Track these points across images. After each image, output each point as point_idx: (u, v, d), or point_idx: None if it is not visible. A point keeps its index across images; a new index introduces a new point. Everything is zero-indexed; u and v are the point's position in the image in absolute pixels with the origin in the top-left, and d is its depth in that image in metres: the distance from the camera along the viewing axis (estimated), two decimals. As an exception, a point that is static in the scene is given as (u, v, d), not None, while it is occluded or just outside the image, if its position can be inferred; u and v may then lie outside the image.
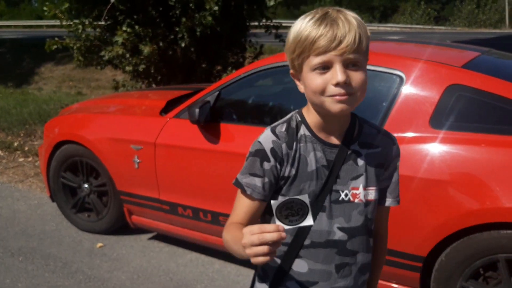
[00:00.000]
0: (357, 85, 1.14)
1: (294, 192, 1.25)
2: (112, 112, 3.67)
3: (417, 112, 2.42)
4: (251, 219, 1.27)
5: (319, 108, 1.20)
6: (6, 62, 14.92)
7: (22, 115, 7.13)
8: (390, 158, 1.31)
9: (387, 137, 1.32)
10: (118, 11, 5.10)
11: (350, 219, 1.27)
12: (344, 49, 1.10)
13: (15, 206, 4.19)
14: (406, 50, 2.90)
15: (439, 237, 2.30)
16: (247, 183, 1.25)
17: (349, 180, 1.26)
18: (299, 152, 1.24)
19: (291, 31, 1.18)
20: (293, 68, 1.22)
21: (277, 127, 1.26)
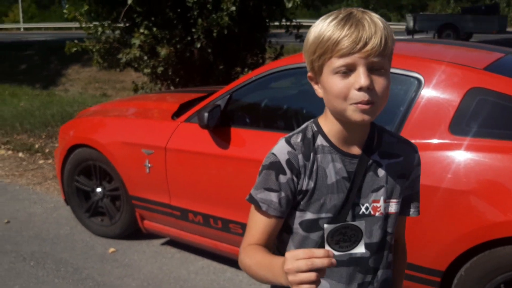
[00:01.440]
0: (381, 91, 1.06)
1: (314, 207, 1.16)
2: (125, 115, 3.63)
3: (436, 117, 2.28)
4: (268, 238, 1.18)
5: (339, 115, 1.12)
6: (34, 64, 15.24)
7: (45, 117, 7.22)
8: (412, 167, 1.25)
9: (408, 146, 1.26)
10: (136, 13, 5.08)
11: (371, 234, 1.19)
12: (369, 51, 1.03)
13: (31, 209, 4.20)
14: (425, 51, 2.75)
15: (459, 250, 2.16)
16: (262, 199, 1.16)
17: (370, 193, 1.18)
18: (317, 163, 1.16)
19: (311, 31, 1.10)
20: (312, 71, 1.14)
21: (292, 137, 1.18)
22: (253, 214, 1.19)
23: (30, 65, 15.35)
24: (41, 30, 32.24)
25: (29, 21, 37.26)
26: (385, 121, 2.49)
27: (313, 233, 1.18)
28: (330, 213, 1.16)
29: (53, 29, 31.27)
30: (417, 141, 2.26)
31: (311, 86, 3.20)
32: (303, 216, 1.17)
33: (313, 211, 1.17)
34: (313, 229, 1.17)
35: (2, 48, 17.57)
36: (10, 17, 40.59)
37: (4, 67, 15.34)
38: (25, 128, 6.72)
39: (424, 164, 2.21)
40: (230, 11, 4.68)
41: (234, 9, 4.66)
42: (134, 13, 5.10)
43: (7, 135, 6.58)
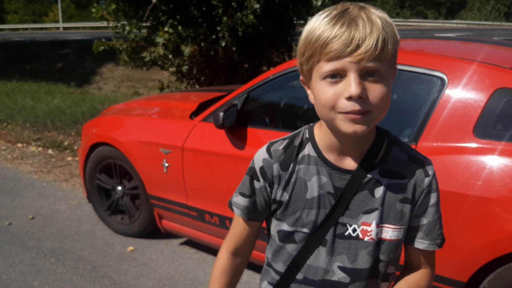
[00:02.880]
0: (375, 101, 0.92)
1: (290, 219, 1.08)
2: (145, 114, 3.62)
3: (460, 119, 2.15)
4: (245, 242, 1.17)
5: (329, 125, 1.00)
6: (70, 63, 15.61)
7: (75, 115, 7.35)
8: (419, 193, 1.06)
9: (419, 167, 1.06)
10: (161, 12, 5.09)
11: (355, 259, 1.05)
12: (361, 55, 0.89)
13: (56, 205, 4.26)
14: (450, 49, 2.62)
15: (482, 261, 2.03)
16: (235, 203, 1.14)
17: (360, 214, 1.04)
18: (297, 175, 1.05)
19: (305, 28, 0.98)
20: (302, 74, 1.01)
21: (275, 144, 1.09)
22: (234, 218, 1.18)
23: (66, 64, 15.74)
24: (79, 30, 33.06)
25: (68, 20, 38.27)
26: (405, 123, 2.39)
27: (288, 244, 1.10)
28: (306, 228, 1.06)
29: (91, 29, 31.99)
30: (438, 144, 2.14)
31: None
32: (279, 225, 1.10)
33: (289, 223, 1.08)
34: (288, 241, 1.10)
35: (40, 47, 18.10)
36: (50, 17, 41.82)
37: (42, 65, 15.79)
38: (56, 126, 6.86)
39: (445, 169, 2.11)
40: (254, 9, 4.62)
41: (258, 7, 4.60)
42: (159, 12, 5.11)
43: (39, 132, 6.73)
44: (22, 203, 4.29)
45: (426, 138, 2.18)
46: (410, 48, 2.86)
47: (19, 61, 16.03)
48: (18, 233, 3.69)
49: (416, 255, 1.11)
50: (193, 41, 5.01)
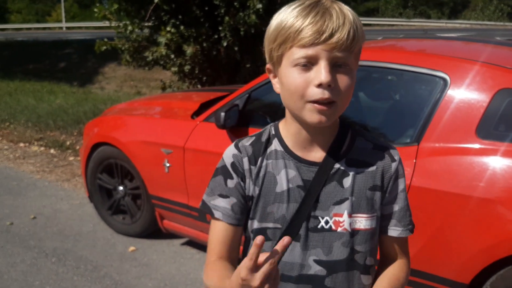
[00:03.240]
0: (342, 91, 0.95)
1: (261, 215, 1.06)
2: (147, 114, 3.62)
3: (462, 120, 2.14)
4: (229, 249, 1.09)
5: (295, 115, 1.01)
6: (73, 62, 15.64)
7: (77, 114, 7.35)
8: (388, 179, 1.07)
9: (384, 153, 1.08)
10: (163, 12, 5.08)
11: (330, 251, 1.05)
12: (334, 44, 0.92)
13: (57, 205, 4.26)
14: (452, 49, 2.60)
15: (484, 262, 2.02)
16: (215, 205, 1.09)
17: (331, 205, 1.05)
18: (266, 169, 1.06)
19: (274, 17, 1.00)
20: (271, 61, 1.03)
21: (242, 140, 1.10)
22: (212, 225, 1.11)
23: (69, 63, 15.76)
24: (82, 29, 33.11)
25: (71, 20, 38.33)
26: (407, 124, 2.37)
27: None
28: (278, 223, 1.06)
29: (94, 28, 32.02)
30: (441, 145, 2.13)
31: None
32: (253, 224, 1.09)
33: (260, 219, 1.07)
34: None
35: (43, 47, 18.14)
36: (53, 17, 41.89)
37: (45, 65, 15.82)
38: (58, 125, 6.86)
39: (448, 169, 2.10)
40: (256, 9, 4.61)
41: (260, 7, 4.59)
42: (161, 12, 5.11)
43: (41, 132, 6.74)
44: (24, 203, 4.29)
45: (428, 138, 2.16)
46: (413, 48, 2.85)
47: (22, 60, 16.07)
48: (20, 233, 3.69)
49: (391, 244, 1.12)
50: (195, 41, 5.00)
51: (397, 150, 1.10)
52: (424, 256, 2.14)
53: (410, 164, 2.15)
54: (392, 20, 31.23)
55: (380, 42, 3.26)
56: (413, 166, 2.13)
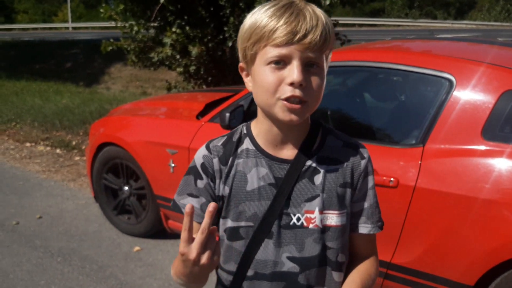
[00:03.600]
0: (313, 91, 0.97)
1: (233, 214, 1.08)
2: (152, 114, 3.63)
3: (468, 121, 2.13)
4: None
5: (267, 112, 1.03)
6: (79, 62, 15.70)
7: (83, 114, 7.38)
8: (357, 177, 1.09)
9: (354, 151, 1.11)
10: (169, 12, 5.10)
11: (303, 248, 1.07)
12: (307, 45, 0.95)
13: (63, 205, 4.28)
14: (458, 50, 2.59)
15: (489, 264, 2.01)
16: (183, 204, 1.11)
17: (303, 202, 1.06)
18: (236, 168, 1.08)
19: (248, 17, 1.02)
20: (244, 59, 1.05)
21: (213, 141, 1.12)
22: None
23: (75, 64, 15.83)
24: (88, 30, 33.24)
25: (77, 20, 38.49)
26: (412, 125, 2.37)
27: (235, 242, 1.09)
28: (250, 221, 1.07)
29: (100, 28, 32.14)
30: (446, 146, 2.12)
31: (342, 86, 3.07)
32: (225, 223, 1.10)
33: (233, 218, 1.09)
34: (234, 238, 1.09)
35: (50, 47, 18.22)
36: (59, 17, 42.07)
37: (51, 65, 15.90)
38: (64, 125, 6.89)
39: (453, 171, 2.09)
40: (262, 9, 4.60)
41: (266, 8, 4.58)
42: (167, 12, 5.12)
43: (47, 132, 6.77)
44: (29, 202, 4.32)
45: (433, 140, 2.16)
46: (418, 49, 2.84)
47: (28, 60, 16.15)
48: (26, 232, 3.71)
49: (361, 241, 1.15)
50: (200, 42, 5.01)
51: (366, 148, 1.12)
52: (429, 258, 2.14)
53: (415, 166, 2.14)
54: (398, 20, 31.14)
55: (385, 42, 3.26)
56: (418, 168, 2.13)
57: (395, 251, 2.23)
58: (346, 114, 2.81)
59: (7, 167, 5.42)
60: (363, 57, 2.62)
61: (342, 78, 3.00)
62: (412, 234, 2.17)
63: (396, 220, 2.20)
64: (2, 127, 7.20)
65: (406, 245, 2.19)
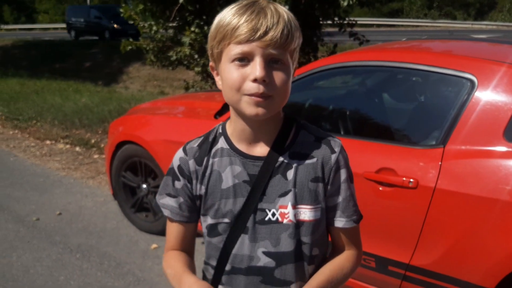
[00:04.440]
0: (277, 86, 0.99)
1: (211, 212, 1.11)
2: (170, 113, 3.66)
3: (490, 122, 2.10)
4: (183, 243, 1.18)
5: (236, 110, 1.05)
6: (98, 62, 15.89)
7: (102, 113, 7.46)
8: (329, 171, 1.09)
9: (325, 145, 1.11)
10: (188, 12, 5.12)
11: (278, 243, 1.09)
12: (268, 41, 0.97)
13: (82, 202, 4.34)
14: (479, 50, 2.56)
15: (510, 267, 1.98)
16: (163, 204, 1.16)
17: (277, 197, 1.08)
18: (211, 168, 1.10)
19: (216, 17, 1.05)
20: (212, 57, 1.07)
21: (190, 143, 1.16)
22: (167, 221, 1.19)
23: (94, 63, 16.02)
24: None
25: (96, 20, 38.83)
26: (433, 125, 2.35)
27: (214, 237, 1.13)
28: (226, 218, 1.10)
29: (118, 29, 32.39)
30: (467, 148, 2.10)
31: (361, 86, 3.05)
32: (206, 220, 1.14)
33: (211, 216, 1.12)
34: (213, 234, 1.13)
35: (70, 47, 18.48)
36: (79, 17, 42.52)
37: (71, 64, 16.12)
38: (84, 124, 6.98)
39: (474, 172, 2.06)
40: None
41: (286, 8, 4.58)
42: (186, 12, 5.14)
43: (67, 130, 6.87)
44: (49, 199, 4.38)
45: (454, 141, 2.14)
46: (439, 49, 2.81)
47: (49, 60, 16.41)
48: (46, 228, 3.77)
49: (338, 235, 1.16)
50: (219, 41, 5.03)
51: (339, 141, 1.12)
52: (449, 260, 2.11)
53: (435, 167, 2.12)
54: (417, 21, 30.83)
55: (404, 43, 3.23)
56: (439, 169, 2.11)
57: (414, 252, 2.21)
58: (365, 114, 2.80)
59: (28, 164, 5.51)
60: (383, 57, 2.60)
61: (361, 78, 2.98)
62: (431, 236, 2.15)
63: (415, 221, 2.18)
64: (23, 125, 7.33)
65: (425, 247, 2.17)
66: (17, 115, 7.87)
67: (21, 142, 6.54)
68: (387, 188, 2.22)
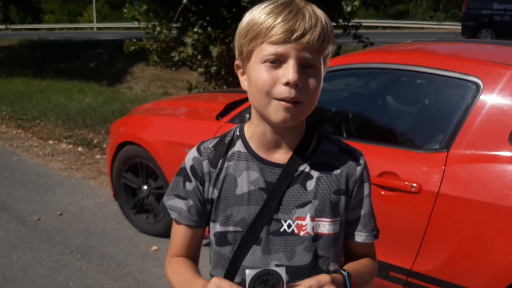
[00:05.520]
0: (309, 92, 0.94)
1: (221, 218, 1.05)
2: (172, 114, 3.64)
3: (495, 126, 2.06)
4: (189, 249, 1.11)
5: (260, 113, 0.99)
6: (102, 62, 15.90)
7: (106, 113, 7.45)
8: (353, 183, 1.06)
9: (349, 156, 1.07)
10: (191, 13, 5.11)
11: (293, 256, 1.03)
12: (304, 44, 0.91)
13: (83, 202, 4.32)
14: (485, 53, 2.52)
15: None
16: (171, 206, 1.09)
17: (294, 208, 1.03)
18: (226, 171, 1.04)
19: (247, 14, 0.99)
20: (240, 56, 1.02)
21: (205, 143, 1.09)
22: (173, 224, 1.12)
23: (99, 63, 16.04)
24: (112, 30, 33.65)
25: (102, 21, 39.02)
26: (437, 129, 2.31)
27: (224, 247, 1.06)
28: (238, 226, 1.04)
29: (124, 29, 32.50)
30: (472, 152, 2.06)
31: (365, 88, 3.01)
32: (215, 227, 1.08)
33: (221, 222, 1.05)
34: (222, 243, 1.06)
35: (75, 47, 18.51)
36: (85, 17, 42.74)
37: (76, 64, 16.16)
38: (87, 124, 6.97)
39: (479, 178, 2.03)
40: (284, 10, 4.58)
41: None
42: (189, 13, 5.13)
43: (70, 130, 6.86)
44: (51, 199, 4.37)
45: (458, 145, 2.10)
46: (444, 52, 2.77)
47: (54, 59, 16.44)
48: (46, 229, 3.76)
49: (357, 249, 1.12)
50: (222, 42, 5.01)
51: (362, 154, 1.09)
52: (451, 267, 2.08)
53: (439, 171, 2.08)
54: (423, 23, 30.72)
55: (409, 45, 3.19)
56: (442, 173, 2.07)
57: (416, 258, 2.17)
58: (368, 117, 2.76)
59: (31, 164, 5.51)
60: (387, 59, 2.57)
61: (364, 80, 2.95)
62: (434, 242, 2.11)
63: (417, 226, 2.14)
64: (27, 125, 7.33)
65: (428, 253, 2.13)
66: (21, 114, 7.88)
67: (24, 141, 6.54)
68: (390, 192, 2.19)
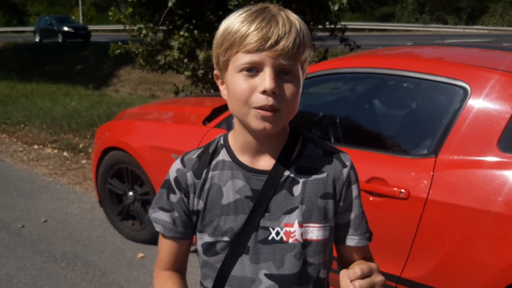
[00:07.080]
0: (287, 99, 0.92)
1: (209, 229, 1.03)
2: (158, 119, 3.59)
3: (484, 131, 2.05)
4: (176, 261, 1.09)
5: (241, 121, 0.98)
6: (89, 65, 15.78)
7: (91, 117, 7.38)
8: (340, 187, 1.03)
9: (335, 159, 1.04)
10: (177, 16, 5.06)
11: (282, 264, 1.01)
12: (279, 51, 0.90)
13: (68, 208, 4.25)
14: (472, 57, 2.52)
15: (504, 281, 1.93)
16: (156, 219, 1.07)
17: (282, 215, 1.01)
18: (211, 181, 1.02)
19: (222, 23, 0.98)
20: (218, 66, 1.00)
21: (189, 154, 1.07)
22: (159, 236, 1.10)
23: (85, 66, 15.92)
24: (99, 32, 33.45)
25: (88, 23, 38.74)
26: (425, 134, 2.29)
27: (211, 257, 1.04)
28: (226, 236, 1.01)
29: (110, 31, 32.32)
30: (460, 158, 2.05)
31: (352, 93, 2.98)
32: (202, 238, 1.05)
33: (209, 233, 1.03)
34: (211, 253, 1.04)
35: (61, 49, 18.35)
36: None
37: (62, 67, 16.01)
38: (72, 128, 6.88)
39: (468, 184, 2.01)
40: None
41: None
42: (175, 16, 5.08)
43: (55, 134, 6.77)
44: (35, 206, 4.29)
45: (446, 150, 2.08)
46: (431, 56, 2.76)
47: (39, 62, 16.27)
48: (31, 236, 3.68)
49: (350, 254, 1.09)
50: (208, 46, 4.97)
51: (348, 155, 1.06)
52: (441, 273, 2.06)
53: (427, 177, 2.07)
54: (408, 25, 30.97)
55: (396, 49, 3.18)
56: (431, 179, 2.05)
57: (405, 265, 2.15)
58: (355, 122, 2.74)
59: (15, 169, 5.41)
60: (374, 64, 2.55)
61: (351, 85, 2.93)
62: (423, 248, 2.10)
63: (406, 233, 2.12)
64: (11, 129, 7.22)
65: (417, 259, 2.12)
66: (5, 118, 7.76)
67: (8, 146, 6.44)
68: (378, 198, 2.17)
